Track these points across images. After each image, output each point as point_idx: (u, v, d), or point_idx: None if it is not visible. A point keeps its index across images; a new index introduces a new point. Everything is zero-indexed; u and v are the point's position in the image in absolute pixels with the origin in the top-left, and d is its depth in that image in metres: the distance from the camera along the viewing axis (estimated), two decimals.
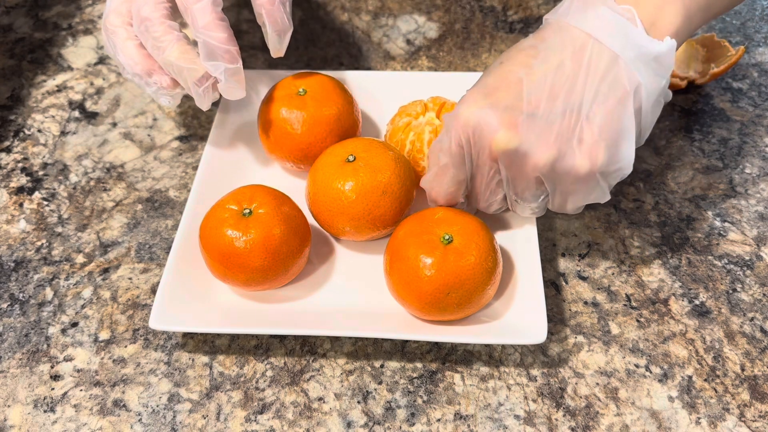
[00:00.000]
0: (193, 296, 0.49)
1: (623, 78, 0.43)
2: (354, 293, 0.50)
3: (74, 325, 0.50)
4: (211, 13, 0.48)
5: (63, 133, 0.62)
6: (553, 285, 0.51)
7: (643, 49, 0.43)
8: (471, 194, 0.49)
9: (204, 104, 0.50)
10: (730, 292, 0.50)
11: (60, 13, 0.73)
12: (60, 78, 0.67)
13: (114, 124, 0.63)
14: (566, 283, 0.51)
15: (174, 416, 0.45)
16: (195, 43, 0.49)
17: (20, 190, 0.58)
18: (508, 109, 0.43)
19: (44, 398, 0.46)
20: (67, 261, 0.53)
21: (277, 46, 0.52)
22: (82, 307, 0.51)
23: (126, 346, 0.49)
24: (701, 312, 0.49)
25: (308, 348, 0.48)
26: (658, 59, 0.43)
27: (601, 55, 0.43)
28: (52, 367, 0.48)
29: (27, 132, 0.62)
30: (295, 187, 0.55)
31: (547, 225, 0.54)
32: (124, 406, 0.46)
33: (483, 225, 0.47)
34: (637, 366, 0.47)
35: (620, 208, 0.55)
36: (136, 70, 0.51)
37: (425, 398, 0.46)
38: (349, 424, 0.45)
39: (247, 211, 0.47)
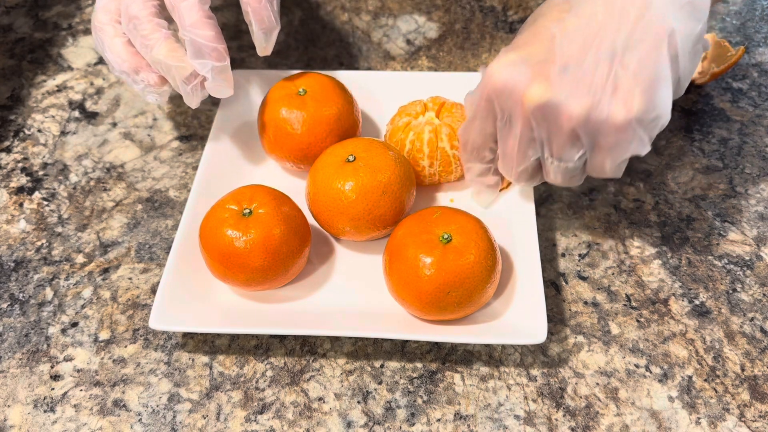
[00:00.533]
0: (193, 296, 0.49)
1: (656, 23, 0.42)
2: (354, 293, 0.50)
3: (74, 325, 0.50)
4: (198, 12, 0.48)
5: (63, 133, 0.62)
6: (553, 285, 0.51)
7: None
8: (503, 160, 0.48)
9: (193, 102, 0.50)
10: (730, 292, 0.50)
11: (60, 13, 0.73)
12: (60, 78, 0.67)
13: (114, 124, 0.63)
14: (566, 283, 0.51)
15: (174, 416, 0.45)
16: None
17: (20, 190, 0.58)
18: (540, 63, 0.43)
19: (44, 398, 0.46)
20: (67, 261, 0.53)
21: (263, 44, 0.51)
22: (82, 307, 0.51)
23: (126, 346, 0.49)
24: (701, 312, 0.49)
25: (308, 348, 0.48)
26: (692, 2, 0.43)
27: (633, 1, 0.42)
28: (52, 367, 0.48)
29: (27, 132, 0.62)
30: (295, 187, 0.55)
31: (547, 225, 0.54)
32: (124, 406, 0.46)
33: (481, 224, 0.47)
34: (637, 366, 0.47)
35: (620, 208, 0.55)
36: (124, 67, 0.51)
37: (425, 398, 0.46)
38: (349, 424, 0.45)
39: (247, 211, 0.47)
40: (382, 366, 0.47)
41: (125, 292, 0.51)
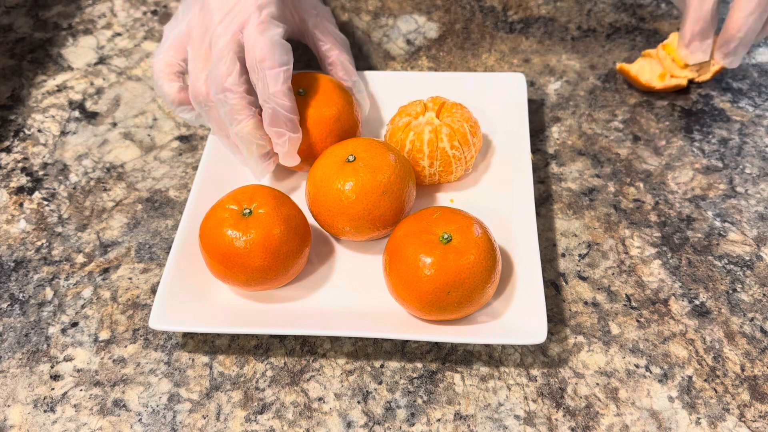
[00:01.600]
0: (193, 296, 0.49)
1: None
2: (354, 293, 0.50)
3: (74, 325, 0.50)
4: (284, 83, 0.50)
5: (63, 133, 0.62)
6: (553, 285, 0.51)
7: None
8: None
9: (261, 175, 0.53)
10: (730, 292, 0.50)
11: (60, 13, 0.73)
12: (60, 78, 0.67)
13: (114, 124, 0.63)
14: (566, 283, 0.51)
15: (174, 416, 0.45)
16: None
17: (20, 190, 0.58)
18: None
19: (44, 398, 0.46)
20: (67, 261, 0.53)
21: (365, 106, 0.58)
22: (82, 307, 0.51)
23: (126, 346, 0.49)
24: (701, 312, 0.49)
25: (308, 348, 0.48)
26: None
27: None
28: (52, 367, 0.48)
29: (27, 132, 0.62)
30: (295, 187, 0.55)
31: (547, 225, 0.54)
32: (124, 406, 0.46)
33: (481, 224, 0.47)
34: (637, 366, 0.47)
35: (620, 208, 0.55)
36: (228, 143, 0.54)
37: (425, 398, 0.46)
38: (349, 424, 0.45)
39: (247, 211, 0.47)
40: (382, 366, 0.47)
41: (125, 292, 0.51)
